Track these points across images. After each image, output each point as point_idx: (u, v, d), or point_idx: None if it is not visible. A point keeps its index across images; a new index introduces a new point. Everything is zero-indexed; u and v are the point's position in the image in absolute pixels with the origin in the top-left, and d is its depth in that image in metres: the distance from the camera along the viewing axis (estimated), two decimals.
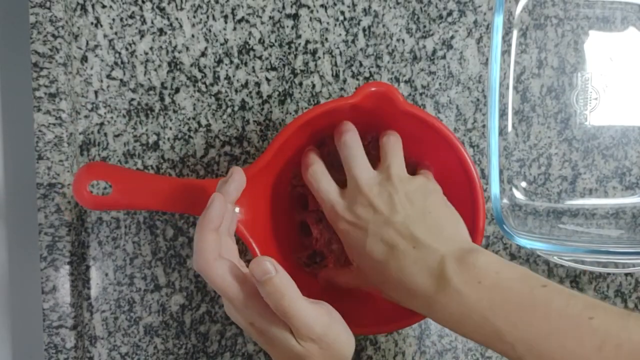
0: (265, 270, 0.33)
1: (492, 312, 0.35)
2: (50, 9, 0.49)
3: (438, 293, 0.37)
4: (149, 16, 0.52)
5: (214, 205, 0.37)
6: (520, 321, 0.34)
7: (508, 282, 0.36)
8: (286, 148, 0.45)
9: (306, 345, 0.36)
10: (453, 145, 0.44)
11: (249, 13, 0.52)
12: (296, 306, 0.34)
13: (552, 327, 0.34)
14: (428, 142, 0.45)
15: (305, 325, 0.35)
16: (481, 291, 0.36)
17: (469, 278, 0.36)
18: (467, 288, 0.36)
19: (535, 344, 0.34)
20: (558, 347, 0.33)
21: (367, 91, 0.42)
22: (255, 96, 0.53)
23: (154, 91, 0.52)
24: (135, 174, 0.46)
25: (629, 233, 0.54)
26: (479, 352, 0.54)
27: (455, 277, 0.36)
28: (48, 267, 0.49)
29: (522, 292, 0.35)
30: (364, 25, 0.53)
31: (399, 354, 0.54)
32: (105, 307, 0.52)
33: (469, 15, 0.54)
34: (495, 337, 0.35)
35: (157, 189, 0.44)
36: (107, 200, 0.44)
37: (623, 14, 0.54)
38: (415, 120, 0.44)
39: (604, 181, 0.55)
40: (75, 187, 0.43)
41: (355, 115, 0.44)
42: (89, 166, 0.44)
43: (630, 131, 0.55)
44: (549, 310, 0.34)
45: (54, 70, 0.49)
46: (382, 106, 0.43)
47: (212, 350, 0.53)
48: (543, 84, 0.54)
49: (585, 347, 0.33)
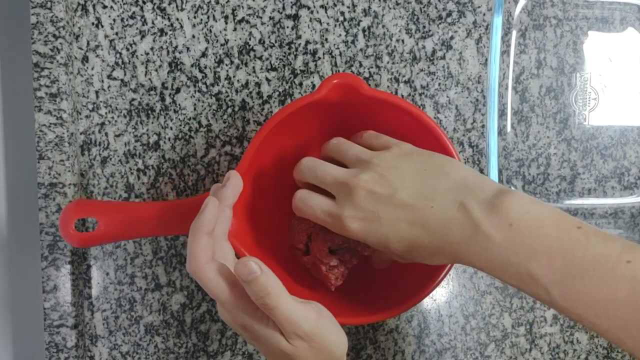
0: (250, 270, 0.34)
1: (525, 256, 0.34)
2: (51, 9, 0.49)
3: (469, 242, 0.35)
4: (150, 17, 0.52)
5: (207, 210, 0.37)
6: (556, 265, 0.33)
7: (541, 224, 0.34)
8: (263, 152, 0.45)
9: (295, 343, 0.36)
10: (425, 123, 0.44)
11: (250, 14, 0.53)
12: (282, 304, 0.35)
13: (587, 271, 0.33)
14: (404, 129, 0.45)
15: (291, 322, 0.35)
16: (514, 234, 0.34)
17: (500, 222, 0.35)
18: (498, 233, 0.35)
19: (571, 288, 0.33)
20: (594, 292, 0.33)
21: (330, 84, 0.43)
22: (255, 96, 0.53)
23: (154, 91, 0.52)
24: (119, 205, 0.46)
25: (627, 233, 0.54)
26: (479, 352, 0.55)
27: (485, 222, 0.35)
28: (49, 267, 0.50)
29: (557, 235, 0.34)
30: (364, 25, 0.53)
31: (399, 352, 0.54)
32: (106, 306, 0.52)
33: (468, 16, 0.54)
34: (530, 280, 0.34)
35: (142, 216, 0.44)
36: (95, 236, 0.44)
37: (622, 15, 0.54)
38: (387, 107, 0.44)
39: (602, 181, 0.55)
40: (62, 227, 0.44)
41: (328, 111, 0.45)
42: (73, 204, 0.44)
43: (629, 131, 0.55)
44: (585, 254, 0.33)
45: (55, 71, 0.49)
46: (350, 97, 0.43)
47: (213, 350, 0.53)
48: (542, 84, 0.54)
49: (620, 291, 0.32)
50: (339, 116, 0.46)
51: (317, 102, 0.43)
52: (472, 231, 0.35)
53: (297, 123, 0.45)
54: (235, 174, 0.41)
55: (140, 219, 0.44)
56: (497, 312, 0.55)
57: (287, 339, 0.36)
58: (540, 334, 0.55)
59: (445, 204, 0.37)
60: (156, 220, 0.44)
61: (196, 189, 0.53)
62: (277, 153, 0.47)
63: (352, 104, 0.44)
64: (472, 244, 0.35)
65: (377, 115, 0.45)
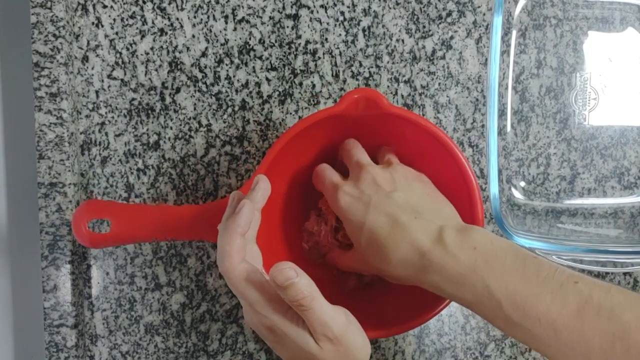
0: (287, 276, 0.34)
1: (485, 271, 0.37)
2: (52, 9, 0.49)
3: (434, 256, 0.39)
4: (150, 16, 0.52)
5: (244, 211, 0.38)
6: (510, 280, 0.36)
7: (502, 250, 0.38)
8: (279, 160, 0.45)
9: (323, 345, 0.36)
10: (444, 143, 0.45)
11: (250, 13, 0.53)
12: (317, 305, 0.35)
13: (539, 288, 0.36)
14: (420, 144, 0.46)
15: (324, 323, 0.36)
16: (477, 255, 0.38)
17: (465, 244, 0.38)
18: (462, 252, 0.38)
19: (522, 302, 0.36)
20: (543, 306, 0.35)
21: (351, 98, 0.43)
22: (255, 96, 0.53)
23: (154, 91, 0.52)
24: (132, 207, 0.46)
25: (627, 232, 0.54)
26: (478, 351, 0.55)
27: (452, 243, 0.39)
28: (49, 266, 0.50)
29: (514, 260, 0.37)
30: (364, 25, 0.53)
31: (399, 352, 0.54)
32: (106, 306, 0.52)
33: (468, 16, 0.54)
34: (486, 294, 0.37)
35: (155, 219, 0.45)
36: (107, 237, 0.44)
37: (622, 15, 0.54)
38: (404, 123, 0.45)
39: (602, 181, 0.55)
40: (75, 227, 0.44)
41: (345, 123, 0.45)
42: (86, 204, 0.45)
43: (629, 131, 0.55)
44: (538, 274, 0.36)
45: (55, 70, 0.49)
46: (369, 111, 0.44)
47: (213, 349, 0.53)
48: (542, 84, 0.54)
49: (568, 307, 0.35)
50: (355, 129, 0.46)
51: (336, 115, 0.43)
52: (439, 247, 0.39)
53: (313, 135, 0.45)
54: (264, 178, 0.41)
55: (152, 222, 0.45)
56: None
57: (316, 340, 0.36)
58: None
59: (428, 221, 0.40)
60: (169, 225, 0.45)
61: (196, 189, 0.53)
62: (292, 163, 0.48)
63: (370, 118, 0.44)
64: (436, 258, 0.39)
65: (394, 129, 0.46)
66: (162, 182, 0.52)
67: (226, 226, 0.38)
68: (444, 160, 0.45)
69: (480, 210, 0.45)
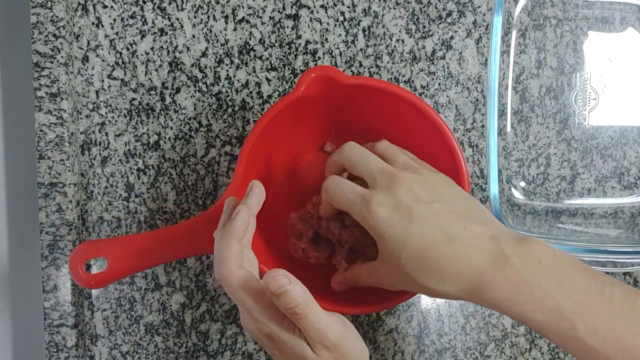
0: (280, 284, 0.34)
1: (555, 288, 0.34)
2: (52, 9, 0.49)
3: (495, 271, 0.35)
4: (150, 16, 0.52)
5: (240, 217, 0.37)
6: (583, 301, 0.34)
7: (568, 266, 0.35)
8: (257, 160, 0.44)
9: (320, 353, 0.36)
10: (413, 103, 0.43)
11: (250, 13, 0.53)
12: (311, 313, 0.35)
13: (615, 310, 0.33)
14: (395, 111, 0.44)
15: (319, 331, 0.35)
16: (543, 269, 0.35)
17: (529, 257, 0.35)
18: (526, 267, 0.35)
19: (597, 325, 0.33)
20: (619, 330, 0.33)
21: (307, 79, 0.42)
22: (255, 96, 0.53)
23: (154, 91, 0.52)
24: (125, 239, 0.46)
25: (627, 232, 0.54)
26: (478, 351, 0.55)
27: (514, 255, 0.35)
28: (49, 266, 0.50)
29: (584, 276, 0.35)
30: (364, 25, 0.53)
31: (398, 352, 0.54)
32: (106, 306, 0.52)
33: (468, 16, 0.54)
34: (557, 313, 0.34)
35: (150, 246, 0.44)
36: (105, 274, 0.44)
37: (622, 15, 0.54)
38: (372, 92, 0.43)
39: (602, 181, 0.55)
40: (72, 270, 0.44)
41: (315, 107, 0.44)
42: (80, 248, 0.44)
43: (629, 131, 0.55)
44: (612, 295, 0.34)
45: (55, 70, 0.49)
46: (331, 89, 0.42)
47: (213, 349, 0.53)
48: (542, 84, 0.54)
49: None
50: (328, 111, 0.45)
51: (299, 100, 0.42)
52: (501, 261, 0.35)
53: (285, 125, 0.44)
54: (258, 183, 0.40)
55: (147, 249, 0.44)
56: (497, 311, 0.55)
57: (312, 348, 0.36)
58: None
59: (478, 230, 0.37)
60: (165, 247, 0.44)
61: (196, 189, 0.53)
62: (271, 159, 0.47)
63: (337, 96, 0.43)
64: (497, 273, 0.35)
65: (365, 104, 0.45)
66: (162, 182, 0.52)
67: (223, 232, 0.37)
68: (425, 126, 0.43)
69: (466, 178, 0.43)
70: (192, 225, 0.45)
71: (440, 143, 0.44)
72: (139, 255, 0.44)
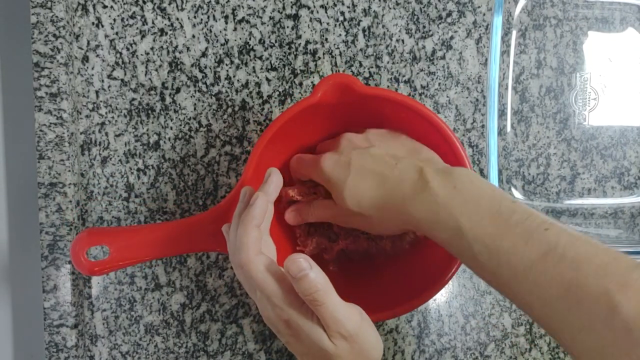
0: (300, 267, 0.34)
1: (458, 210, 0.37)
2: (52, 9, 0.49)
3: (415, 195, 0.40)
4: (150, 16, 0.52)
5: (258, 203, 0.38)
6: (481, 222, 0.37)
7: (480, 191, 0.38)
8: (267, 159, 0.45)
9: (337, 342, 0.36)
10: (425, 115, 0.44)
11: (250, 14, 0.53)
12: (330, 301, 0.35)
13: (508, 231, 0.36)
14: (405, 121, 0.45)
15: (337, 320, 0.35)
16: (454, 193, 0.38)
17: (446, 182, 0.39)
18: (442, 190, 0.39)
19: (490, 243, 0.36)
20: (510, 248, 0.35)
21: (325, 86, 0.43)
22: (255, 96, 0.53)
23: (154, 91, 0.52)
24: (129, 230, 0.46)
25: (627, 233, 0.54)
26: (478, 352, 0.55)
27: (434, 181, 0.39)
28: (49, 266, 0.50)
29: (490, 201, 0.37)
30: (364, 25, 0.53)
31: (398, 352, 0.54)
32: (106, 306, 0.52)
33: (468, 16, 0.54)
34: (458, 233, 0.37)
35: (152, 238, 0.44)
36: (106, 262, 0.44)
37: (622, 15, 0.54)
38: (385, 102, 0.44)
39: (602, 181, 0.55)
40: (74, 257, 0.44)
41: (328, 112, 0.45)
42: (82, 234, 0.44)
43: (629, 131, 0.55)
44: (509, 218, 0.36)
45: (55, 70, 0.49)
46: (346, 97, 0.43)
47: (213, 349, 0.53)
48: (542, 84, 0.54)
49: (532, 251, 0.35)
50: (340, 117, 0.46)
51: (314, 105, 0.43)
52: (422, 188, 0.39)
53: (297, 127, 0.45)
54: (275, 170, 0.41)
55: (150, 241, 0.44)
56: (497, 312, 0.55)
57: (329, 337, 0.36)
58: (540, 333, 0.55)
59: (408, 165, 0.41)
60: (168, 241, 0.45)
61: (196, 189, 0.53)
62: (281, 159, 0.47)
63: (350, 103, 0.44)
64: (418, 198, 0.39)
65: (376, 112, 0.45)
66: (162, 182, 0.52)
67: (241, 219, 0.37)
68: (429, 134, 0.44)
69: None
70: (193, 221, 0.45)
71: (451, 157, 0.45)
72: (140, 245, 0.44)
